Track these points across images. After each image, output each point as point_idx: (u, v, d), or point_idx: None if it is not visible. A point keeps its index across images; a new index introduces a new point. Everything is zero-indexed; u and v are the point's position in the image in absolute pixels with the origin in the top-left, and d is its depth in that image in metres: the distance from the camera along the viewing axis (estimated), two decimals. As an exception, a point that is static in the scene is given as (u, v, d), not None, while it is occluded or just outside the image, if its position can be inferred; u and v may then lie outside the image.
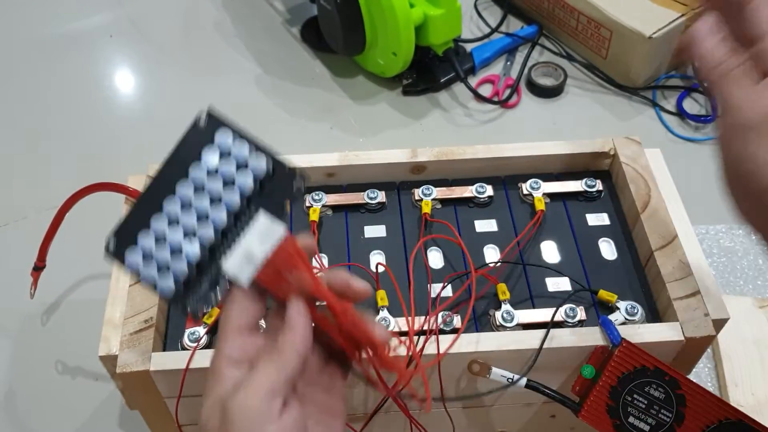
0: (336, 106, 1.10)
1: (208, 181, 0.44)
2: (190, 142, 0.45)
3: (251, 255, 0.43)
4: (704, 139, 1.05)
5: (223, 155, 0.44)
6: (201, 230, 0.44)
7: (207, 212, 0.44)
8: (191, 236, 0.44)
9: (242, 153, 0.44)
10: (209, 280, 0.44)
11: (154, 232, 0.44)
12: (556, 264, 0.68)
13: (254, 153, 0.44)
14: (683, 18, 1.05)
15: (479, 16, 1.23)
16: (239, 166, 0.44)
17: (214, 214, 0.44)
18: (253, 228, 0.43)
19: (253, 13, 1.25)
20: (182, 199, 0.44)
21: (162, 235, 0.44)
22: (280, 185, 0.44)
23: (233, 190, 0.44)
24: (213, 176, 0.44)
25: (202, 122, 0.45)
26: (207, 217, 0.44)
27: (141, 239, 0.44)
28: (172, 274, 0.44)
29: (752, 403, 0.76)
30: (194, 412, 0.63)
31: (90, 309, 0.70)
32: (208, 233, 0.44)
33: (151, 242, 0.44)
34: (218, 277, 0.43)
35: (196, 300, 0.44)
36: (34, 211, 0.97)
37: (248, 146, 0.45)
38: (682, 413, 0.57)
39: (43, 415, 0.80)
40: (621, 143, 0.73)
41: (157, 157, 0.71)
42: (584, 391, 0.59)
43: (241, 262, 0.43)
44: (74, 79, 1.16)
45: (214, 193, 0.44)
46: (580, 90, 1.12)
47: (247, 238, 0.43)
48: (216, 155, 0.44)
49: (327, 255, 0.68)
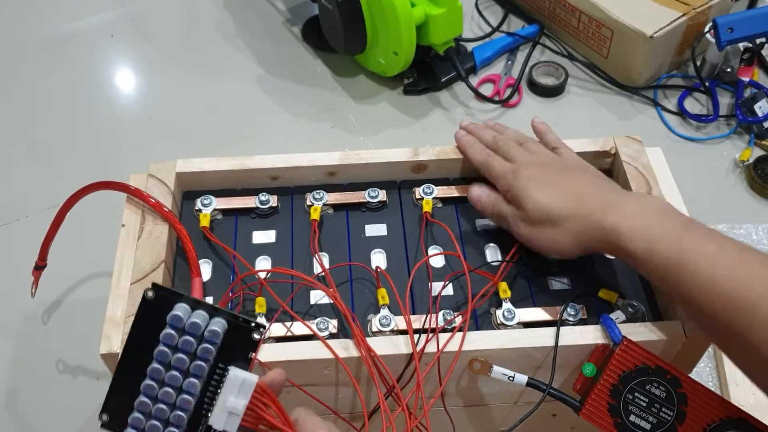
0: (337, 106, 1.10)
1: (173, 357, 0.47)
2: (147, 321, 0.48)
3: (233, 407, 0.46)
4: (705, 139, 1.05)
5: (179, 330, 0.47)
6: (179, 402, 0.47)
7: (180, 384, 0.47)
8: (172, 410, 0.47)
9: (197, 323, 0.47)
10: None
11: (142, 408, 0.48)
12: (557, 262, 0.68)
13: (209, 320, 0.48)
14: (684, 17, 1.05)
15: (480, 15, 1.23)
16: (197, 336, 0.47)
17: (186, 385, 0.47)
18: (228, 384, 0.47)
19: (254, 13, 1.26)
20: (154, 378, 0.47)
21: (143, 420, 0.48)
22: (241, 337, 0.48)
23: (198, 360, 0.47)
24: (176, 352, 0.47)
25: (149, 296, 0.48)
26: (181, 389, 0.47)
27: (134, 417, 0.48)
28: None
29: (753, 403, 0.76)
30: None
31: (91, 307, 0.70)
32: (187, 403, 0.47)
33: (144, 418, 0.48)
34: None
35: None
36: (35, 210, 0.97)
37: (202, 314, 0.48)
38: (683, 412, 0.57)
39: (44, 413, 0.80)
40: (622, 142, 0.73)
41: (158, 156, 0.72)
42: (585, 389, 0.59)
43: (226, 417, 0.47)
44: (75, 79, 1.16)
45: (181, 367, 0.47)
46: (581, 89, 1.13)
47: (225, 394, 0.47)
48: (173, 333, 0.47)
49: (328, 254, 0.68)
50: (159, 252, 0.65)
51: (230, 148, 1.03)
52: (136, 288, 0.63)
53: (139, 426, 0.47)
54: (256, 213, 0.71)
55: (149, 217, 0.67)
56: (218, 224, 0.70)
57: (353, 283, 0.66)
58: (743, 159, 1.01)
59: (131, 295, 0.62)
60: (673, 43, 1.08)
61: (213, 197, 0.71)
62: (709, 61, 1.09)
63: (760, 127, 1.04)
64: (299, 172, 0.72)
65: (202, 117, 1.10)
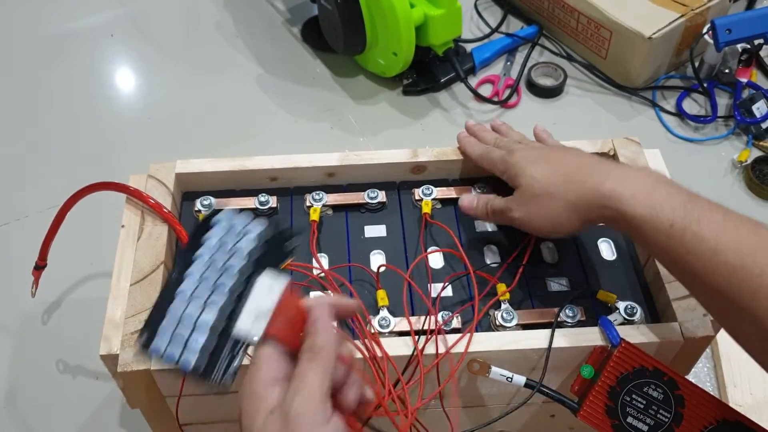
0: (336, 106, 1.10)
1: (216, 254, 0.48)
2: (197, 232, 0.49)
3: (260, 311, 0.46)
4: (703, 140, 1.06)
5: (225, 230, 0.49)
6: (215, 298, 0.47)
7: (218, 281, 0.47)
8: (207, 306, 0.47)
9: (242, 224, 0.49)
10: (228, 347, 0.46)
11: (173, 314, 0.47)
12: (555, 264, 0.68)
13: (251, 222, 0.49)
14: (683, 19, 1.05)
15: (479, 16, 1.23)
16: (240, 235, 0.48)
17: (224, 281, 0.47)
18: (258, 286, 0.47)
19: (253, 13, 1.26)
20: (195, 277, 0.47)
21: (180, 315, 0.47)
22: (276, 246, 0.48)
23: (237, 257, 0.48)
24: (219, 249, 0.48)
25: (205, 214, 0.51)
26: (218, 285, 0.47)
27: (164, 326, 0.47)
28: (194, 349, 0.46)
29: (751, 404, 0.76)
30: (195, 411, 0.64)
31: (91, 308, 0.70)
32: (221, 299, 0.47)
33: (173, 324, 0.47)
34: (235, 343, 0.46)
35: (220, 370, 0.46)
36: (36, 210, 0.97)
37: (245, 218, 0.49)
38: (680, 414, 0.57)
39: (44, 413, 0.81)
40: (620, 144, 0.73)
41: (158, 156, 0.72)
42: (583, 391, 0.59)
43: (253, 320, 0.46)
44: (75, 79, 1.16)
45: (221, 264, 0.47)
46: (579, 90, 1.13)
47: (255, 297, 0.46)
48: (220, 230, 0.48)
49: (327, 255, 0.68)
50: (158, 253, 0.65)
51: (230, 148, 1.03)
52: (136, 289, 0.63)
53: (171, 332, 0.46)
54: (256, 214, 0.71)
55: (149, 218, 0.68)
56: (218, 225, 0.70)
57: (352, 284, 0.66)
58: (741, 160, 1.01)
59: (131, 296, 0.62)
60: (671, 44, 1.08)
61: (212, 198, 0.71)
62: (707, 62, 1.09)
63: (758, 128, 1.04)
64: (298, 173, 0.72)
65: (201, 117, 1.11)
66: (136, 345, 0.48)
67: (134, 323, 0.61)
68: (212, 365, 0.46)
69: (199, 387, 0.55)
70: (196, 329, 0.46)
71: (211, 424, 0.66)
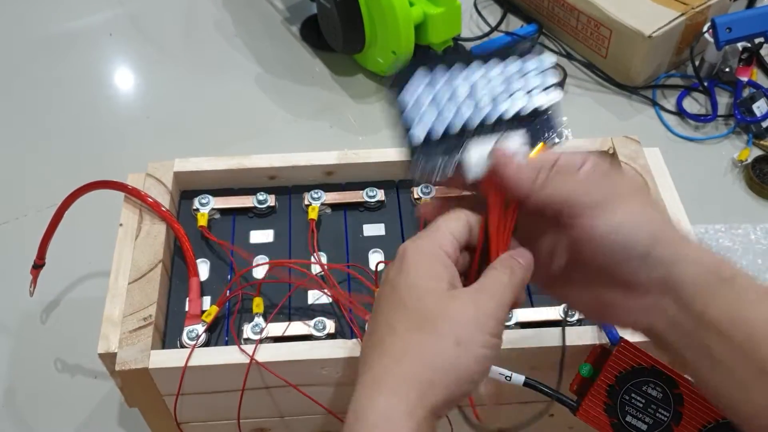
0: (335, 105, 1.10)
1: (498, 80, 0.48)
2: (510, 48, 0.49)
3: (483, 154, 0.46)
4: (703, 139, 1.05)
5: (522, 71, 0.48)
6: (469, 113, 0.47)
7: (482, 104, 0.47)
8: (459, 113, 0.46)
9: (538, 81, 0.48)
10: (447, 154, 0.46)
11: (434, 90, 0.47)
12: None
13: (547, 90, 0.48)
14: (683, 17, 1.05)
15: (479, 14, 1.23)
16: (529, 88, 0.48)
17: (487, 108, 0.47)
18: (507, 141, 0.46)
19: (252, 12, 1.25)
20: (469, 81, 0.47)
21: (437, 97, 0.47)
22: (544, 125, 0.48)
23: (511, 102, 0.47)
24: (503, 81, 0.48)
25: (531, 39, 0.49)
26: (480, 108, 0.47)
27: (422, 89, 0.47)
28: (427, 129, 0.46)
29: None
30: (193, 409, 0.63)
31: (89, 307, 0.70)
32: (474, 118, 0.46)
33: (428, 98, 0.47)
34: (454, 156, 0.46)
35: (426, 163, 0.46)
36: (34, 208, 0.97)
37: (544, 79, 0.48)
38: (679, 412, 0.57)
39: (42, 412, 0.80)
40: (620, 142, 0.73)
41: (156, 155, 0.72)
42: (582, 389, 0.59)
43: (479, 159, 0.46)
44: (74, 78, 1.16)
45: (495, 92, 0.47)
46: (579, 89, 1.12)
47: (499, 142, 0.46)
48: (517, 67, 0.48)
49: (326, 253, 0.68)
50: (157, 251, 0.65)
51: (228, 147, 1.03)
52: (134, 287, 0.63)
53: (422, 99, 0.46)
54: (254, 212, 0.71)
55: (147, 217, 0.68)
56: (216, 224, 0.70)
57: (351, 283, 0.66)
58: (741, 159, 1.01)
59: (129, 295, 0.62)
60: (671, 43, 1.08)
61: (211, 197, 0.71)
62: (707, 60, 1.09)
63: (758, 127, 1.04)
64: (297, 172, 0.72)
65: (200, 116, 1.10)
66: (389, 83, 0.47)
67: (132, 322, 0.61)
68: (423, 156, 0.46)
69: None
70: (439, 120, 0.46)
71: (209, 423, 0.66)
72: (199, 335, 0.61)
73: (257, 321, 0.62)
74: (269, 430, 0.68)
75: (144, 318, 0.61)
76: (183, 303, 0.65)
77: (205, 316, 0.62)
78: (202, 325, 0.62)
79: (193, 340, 0.61)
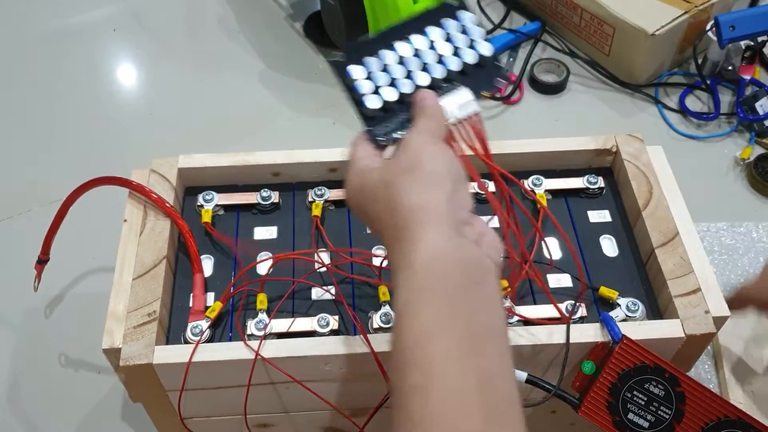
0: (339, 102, 1.10)
1: (438, 43, 0.54)
2: (435, 13, 0.54)
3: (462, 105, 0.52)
4: (706, 137, 1.06)
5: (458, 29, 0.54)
6: (416, 76, 0.52)
7: (427, 65, 0.53)
8: (406, 78, 0.52)
9: (473, 36, 0.55)
10: (401, 119, 0.51)
11: (380, 61, 0.53)
12: (557, 260, 0.68)
13: (482, 42, 0.54)
14: (686, 15, 1.05)
15: (482, 12, 1.23)
16: (466, 44, 0.54)
17: (433, 69, 0.52)
18: (455, 96, 0.52)
19: (256, 8, 1.26)
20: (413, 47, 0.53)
21: (384, 66, 0.52)
22: (486, 75, 0.54)
23: (454, 58, 0.53)
24: (443, 42, 0.54)
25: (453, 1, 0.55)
26: (425, 70, 0.53)
27: (368, 62, 0.52)
28: (381, 99, 0.51)
29: (752, 401, 0.76)
30: (196, 405, 0.64)
31: (93, 302, 0.70)
32: (423, 80, 0.52)
33: (376, 68, 0.52)
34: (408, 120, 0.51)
35: (383, 129, 0.51)
36: (38, 204, 0.97)
37: (479, 34, 0.55)
38: (681, 410, 0.57)
39: (46, 407, 0.81)
40: (623, 140, 0.73)
41: (160, 151, 0.72)
42: (584, 387, 0.59)
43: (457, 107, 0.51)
44: (77, 73, 1.16)
45: (438, 53, 0.53)
46: (582, 87, 1.13)
47: (446, 102, 0.51)
48: (453, 27, 0.54)
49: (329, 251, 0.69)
50: (161, 247, 0.65)
51: (232, 143, 1.03)
52: (138, 283, 0.63)
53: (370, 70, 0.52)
54: (258, 209, 0.71)
55: (151, 213, 0.68)
56: (220, 220, 0.71)
57: (355, 280, 0.66)
58: (744, 157, 1.01)
59: (133, 291, 0.63)
60: (674, 41, 1.08)
61: (215, 193, 0.71)
62: (710, 59, 1.09)
63: (761, 125, 1.04)
64: (301, 168, 0.72)
65: (203, 112, 1.11)
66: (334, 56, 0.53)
67: (137, 317, 0.61)
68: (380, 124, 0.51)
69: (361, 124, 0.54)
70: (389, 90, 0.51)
71: (212, 418, 0.66)
72: (203, 331, 0.61)
73: (261, 317, 0.62)
74: (273, 425, 0.68)
75: (148, 314, 0.61)
76: (187, 299, 0.65)
77: (209, 312, 0.62)
78: (206, 321, 0.62)
79: (197, 335, 0.61)
